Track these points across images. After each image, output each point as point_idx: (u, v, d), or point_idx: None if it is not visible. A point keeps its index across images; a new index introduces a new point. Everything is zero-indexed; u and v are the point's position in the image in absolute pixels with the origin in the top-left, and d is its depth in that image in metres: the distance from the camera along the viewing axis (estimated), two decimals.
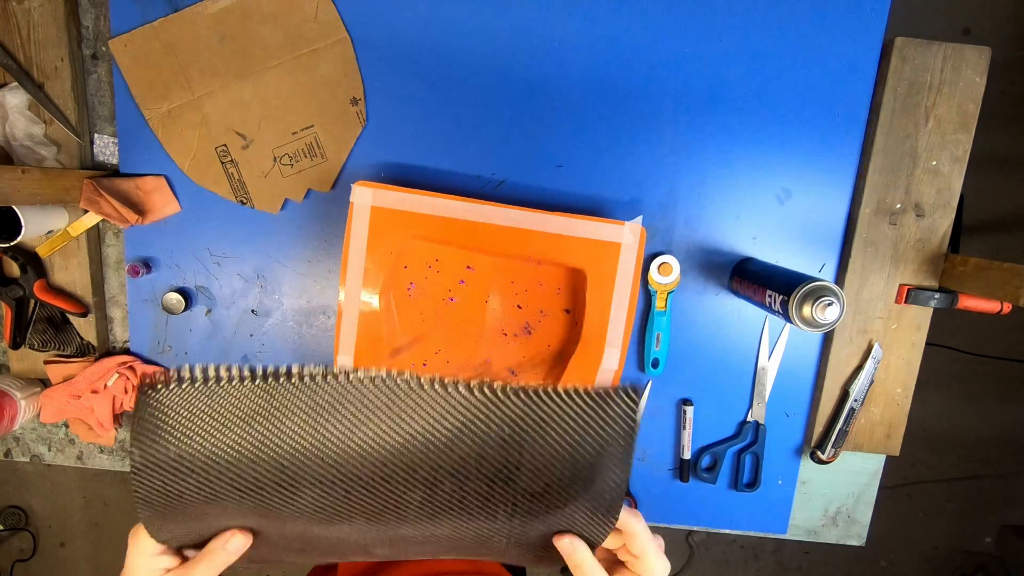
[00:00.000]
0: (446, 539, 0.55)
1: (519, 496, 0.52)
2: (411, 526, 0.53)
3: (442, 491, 0.50)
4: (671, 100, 1.01)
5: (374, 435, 0.47)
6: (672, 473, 1.13)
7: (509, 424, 0.49)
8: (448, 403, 0.48)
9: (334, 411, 0.47)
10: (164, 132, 1.02)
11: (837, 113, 1.01)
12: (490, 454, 0.49)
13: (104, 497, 2.64)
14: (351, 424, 0.47)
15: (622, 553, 0.57)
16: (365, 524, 0.52)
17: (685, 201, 1.04)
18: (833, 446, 1.07)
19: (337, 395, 0.46)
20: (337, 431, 0.47)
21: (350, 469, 0.48)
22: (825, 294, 0.82)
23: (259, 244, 1.07)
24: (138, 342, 1.11)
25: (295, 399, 0.46)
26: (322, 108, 1.01)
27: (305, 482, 0.48)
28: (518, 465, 0.50)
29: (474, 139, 1.03)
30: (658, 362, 1.07)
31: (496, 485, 0.51)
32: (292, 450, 0.47)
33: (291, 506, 0.49)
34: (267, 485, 0.48)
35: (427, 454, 0.48)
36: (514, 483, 0.51)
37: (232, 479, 0.48)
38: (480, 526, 0.54)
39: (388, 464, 0.48)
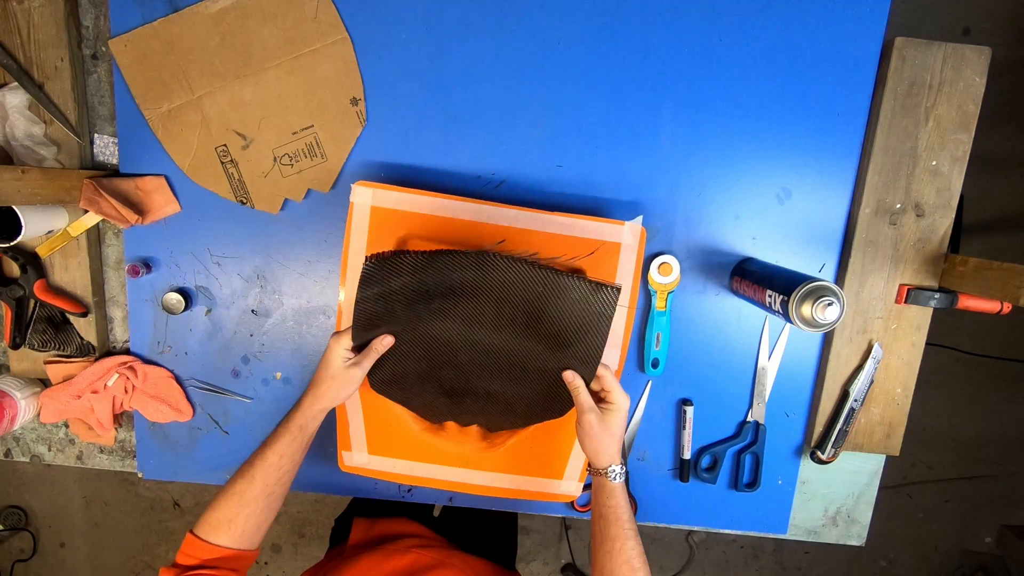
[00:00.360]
0: (502, 352, 0.91)
1: (544, 329, 0.86)
2: (483, 331, 0.89)
3: (504, 312, 0.86)
4: (671, 100, 1.01)
5: (472, 276, 0.83)
6: (672, 473, 1.13)
7: (542, 285, 0.83)
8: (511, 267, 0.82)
9: (455, 265, 0.83)
10: (164, 132, 1.02)
11: (837, 113, 1.01)
12: (531, 299, 0.84)
13: (104, 497, 2.64)
14: (463, 269, 0.83)
15: (602, 394, 0.90)
16: (461, 324, 0.89)
17: (685, 201, 1.04)
18: (833, 446, 1.07)
19: (457, 259, 0.83)
20: (453, 270, 0.83)
21: (457, 284, 0.84)
22: (825, 294, 0.82)
23: (259, 244, 1.07)
24: (138, 342, 1.11)
25: (441, 262, 0.83)
26: (322, 108, 1.01)
27: (436, 294, 0.85)
28: (544, 309, 0.84)
29: (474, 139, 1.03)
30: (658, 362, 1.07)
31: (532, 319, 0.86)
32: (432, 281, 0.84)
33: (426, 306, 0.87)
34: (418, 300, 0.86)
35: (498, 291, 0.84)
36: (542, 321, 0.85)
37: (403, 299, 0.86)
38: (522, 344, 0.89)
39: (478, 291, 0.85)
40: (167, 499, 2.63)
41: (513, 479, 1.09)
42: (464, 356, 0.93)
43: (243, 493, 0.84)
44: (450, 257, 0.83)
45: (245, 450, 1.12)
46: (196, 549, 0.81)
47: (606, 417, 0.89)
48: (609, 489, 0.89)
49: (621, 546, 0.85)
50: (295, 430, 0.87)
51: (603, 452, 0.90)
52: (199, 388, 1.12)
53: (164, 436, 1.14)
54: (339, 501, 2.50)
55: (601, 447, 0.89)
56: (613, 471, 0.89)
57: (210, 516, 0.84)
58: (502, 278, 0.84)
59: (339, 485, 1.14)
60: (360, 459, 1.08)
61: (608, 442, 0.89)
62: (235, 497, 0.84)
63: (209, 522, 0.83)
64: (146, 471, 1.16)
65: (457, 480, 1.09)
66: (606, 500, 0.88)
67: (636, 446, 1.12)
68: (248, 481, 0.85)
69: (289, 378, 1.11)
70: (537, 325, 0.87)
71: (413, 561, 0.95)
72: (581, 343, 0.87)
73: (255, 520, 0.85)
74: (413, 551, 0.98)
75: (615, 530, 0.86)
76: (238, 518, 0.83)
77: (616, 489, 0.88)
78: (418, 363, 0.95)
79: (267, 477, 0.86)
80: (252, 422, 1.13)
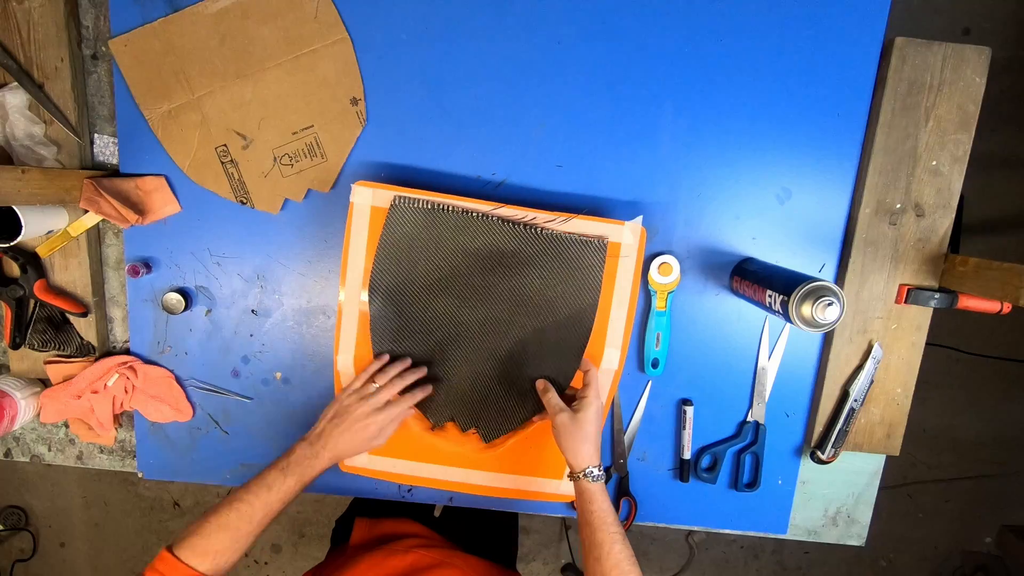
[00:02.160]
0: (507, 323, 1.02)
1: (546, 292, 0.99)
2: (489, 303, 1.00)
3: (507, 281, 0.98)
4: (672, 100, 1.01)
5: (478, 242, 0.97)
6: (672, 473, 1.13)
7: (540, 247, 0.96)
8: (504, 230, 0.96)
9: (455, 225, 0.96)
10: (164, 132, 1.02)
11: (837, 113, 1.01)
12: (531, 262, 0.97)
13: (104, 497, 2.64)
14: (460, 231, 0.96)
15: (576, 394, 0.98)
16: (471, 294, 1.00)
17: (685, 201, 1.04)
18: (833, 446, 1.07)
19: (458, 218, 0.96)
20: (454, 232, 0.97)
21: (463, 255, 0.98)
22: (825, 294, 0.82)
23: (259, 244, 1.07)
24: (138, 342, 1.11)
25: (444, 218, 0.96)
26: (322, 108, 1.01)
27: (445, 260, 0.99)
28: (544, 272, 0.98)
29: (474, 139, 1.03)
30: (658, 362, 1.07)
31: (534, 282, 0.98)
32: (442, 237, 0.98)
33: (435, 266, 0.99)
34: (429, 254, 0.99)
35: (502, 258, 0.97)
36: (543, 282, 0.98)
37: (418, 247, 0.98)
38: (525, 308, 1.00)
39: (484, 259, 0.97)
40: (167, 499, 2.63)
41: (513, 479, 1.09)
42: (466, 330, 1.03)
43: (238, 529, 0.84)
44: (461, 214, 0.97)
45: (245, 450, 1.13)
46: (171, 569, 0.80)
47: (576, 417, 0.93)
48: (589, 493, 0.90)
49: (608, 551, 0.85)
50: (305, 484, 0.91)
51: (577, 453, 0.92)
52: (199, 388, 1.12)
53: (164, 436, 1.14)
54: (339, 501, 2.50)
55: (575, 448, 0.92)
56: (591, 473, 0.91)
57: (197, 542, 0.82)
58: (504, 245, 0.97)
59: (339, 485, 1.14)
60: (361, 459, 1.09)
61: (581, 443, 0.92)
62: (229, 532, 0.84)
63: (195, 548, 0.82)
64: (146, 471, 1.16)
65: (457, 480, 1.09)
66: (588, 505, 0.89)
67: (636, 446, 1.12)
68: (247, 521, 0.85)
69: (289, 378, 1.11)
70: (536, 290, 0.99)
71: (415, 561, 0.95)
72: (579, 299, 1.00)
73: (241, 553, 0.85)
74: (414, 551, 0.98)
75: (601, 535, 0.86)
76: (227, 552, 0.83)
77: (596, 492, 0.90)
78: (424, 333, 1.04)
79: (266, 517, 0.87)
80: (252, 422, 1.13)
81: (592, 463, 0.91)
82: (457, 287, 1.01)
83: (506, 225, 0.97)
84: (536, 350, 1.03)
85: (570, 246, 0.98)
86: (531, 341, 1.03)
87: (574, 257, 0.98)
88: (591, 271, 0.99)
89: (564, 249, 0.98)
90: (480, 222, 0.97)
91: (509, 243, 0.98)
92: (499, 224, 0.97)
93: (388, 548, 0.99)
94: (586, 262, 0.99)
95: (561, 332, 1.02)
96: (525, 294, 1.00)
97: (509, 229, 0.97)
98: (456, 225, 0.97)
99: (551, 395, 0.99)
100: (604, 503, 0.89)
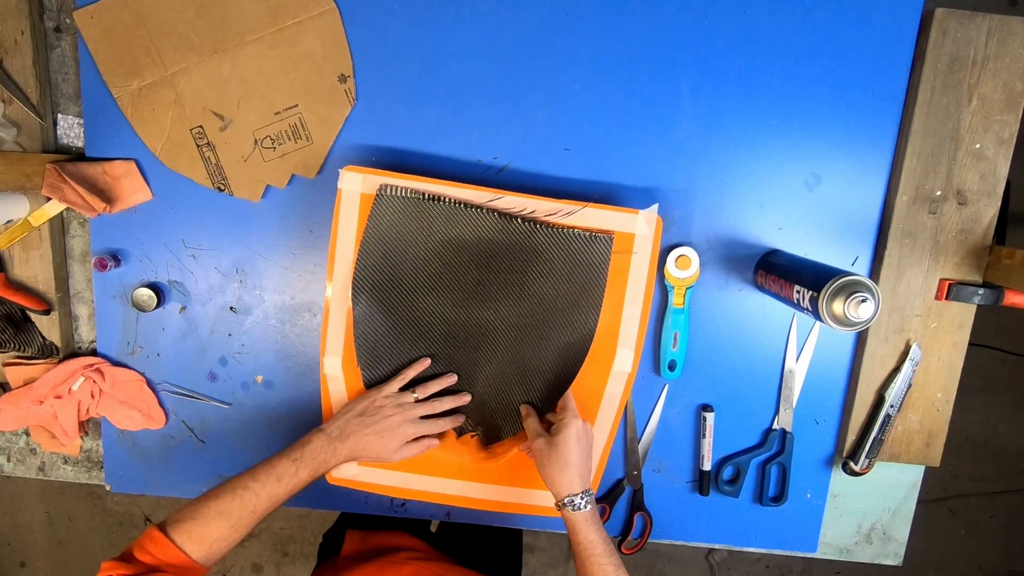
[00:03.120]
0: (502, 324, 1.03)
1: (544, 292, 1.00)
2: (485, 304, 1.01)
3: (503, 277, 1.00)
4: (690, 77, 1.01)
5: (471, 237, 0.98)
6: (691, 486, 1.14)
7: (542, 243, 0.97)
8: (501, 224, 0.97)
9: (447, 217, 0.97)
10: (134, 112, 1.02)
11: (872, 91, 1.01)
12: (530, 258, 0.98)
13: (69, 512, 2.65)
14: (460, 228, 0.97)
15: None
16: (460, 294, 1.00)
17: (705, 188, 1.04)
18: (867, 456, 1.07)
19: (450, 209, 0.96)
20: (445, 225, 0.97)
21: (455, 250, 0.99)
22: (858, 289, 0.82)
23: (238, 235, 1.07)
24: (106, 342, 1.11)
25: (435, 210, 0.97)
26: (307, 86, 1.01)
27: (436, 255, 0.99)
28: (544, 269, 0.99)
29: (474, 120, 1.03)
30: (675, 364, 1.07)
31: (532, 280, 1.00)
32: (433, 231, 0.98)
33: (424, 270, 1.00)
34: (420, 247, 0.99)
35: (497, 254, 0.98)
36: (542, 281, 1.00)
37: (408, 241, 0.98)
38: (521, 309, 1.01)
39: (478, 256, 0.99)
40: (138, 514, 2.64)
41: (516, 492, 1.09)
42: (461, 332, 1.04)
43: (240, 519, 0.85)
44: (454, 205, 0.97)
45: (222, 460, 1.13)
46: (161, 550, 0.81)
47: (553, 441, 0.94)
48: (572, 523, 0.91)
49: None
50: (317, 478, 0.93)
51: (554, 481, 0.93)
52: (172, 393, 1.12)
53: (134, 445, 1.14)
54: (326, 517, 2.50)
55: (552, 475, 0.93)
56: (571, 502, 0.91)
57: (193, 527, 0.83)
58: (501, 239, 0.98)
59: (326, 499, 1.14)
60: (349, 470, 1.09)
61: (560, 470, 0.92)
62: (230, 521, 0.85)
63: (190, 532, 0.83)
64: (114, 484, 1.17)
65: (455, 493, 1.09)
66: (573, 536, 0.90)
67: (651, 457, 1.12)
68: (250, 511, 0.86)
69: (271, 381, 1.12)
70: (535, 289, 1.01)
71: (413, 573, 0.95)
72: (582, 299, 1.01)
73: (236, 543, 0.87)
74: (412, 563, 0.98)
75: (591, 569, 0.87)
76: (223, 540, 0.84)
77: (579, 522, 0.90)
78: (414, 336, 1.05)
79: (269, 509, 0.89)
80: (231, 430, 1.13)
81: (572, 491, 0.91)
82: (449, 285, 1.01)
83: (503, 219, 0.98)
84: (535, 354, 1.04)
85: (572, 241, 0.98)
86: (529, 344, 1.04)
87: (576, 253, 0.99)
88: (595, 268, 1.00)
89: (566, 245, 0.98)
90: (475, 215, 0.97)
91: (506, 238, 0.98)
92: (495, 217, 0.97)
93: (384, 560, 1.00)
94: (590, 259, 0.99)
95: (562, 335, 1.03)
96: (523, 293, 1.01)
97: (506, 224, 0.98)
98: (448, 218, 0.98)
99: (530, 420, 1.02)
100: (590, 533, 0.89)
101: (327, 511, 1.17)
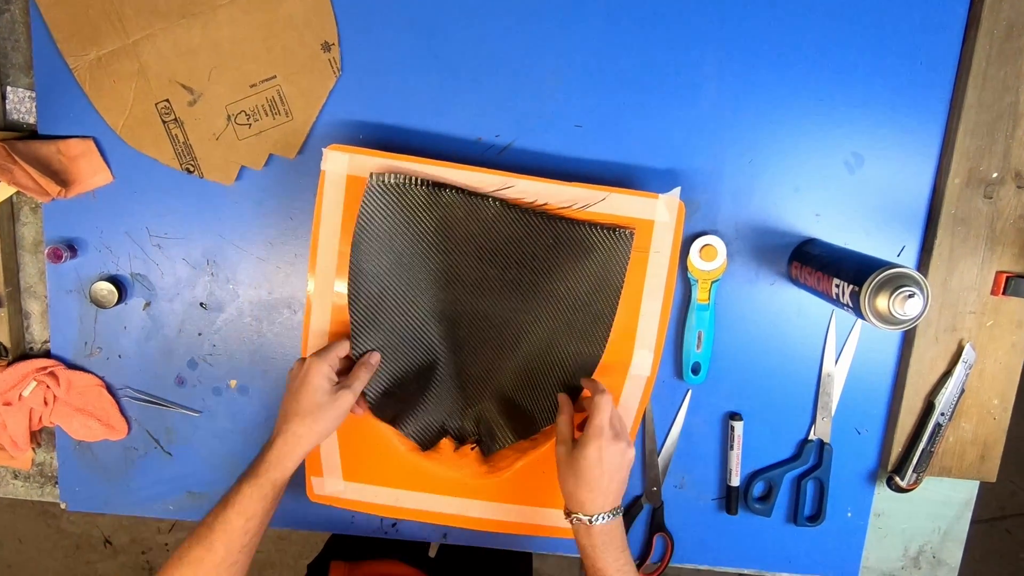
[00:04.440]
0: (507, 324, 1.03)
1: (553, 289, 1.00)
2: (487, 299, 1.02)
3: (509, 273, 1.00)
4: (716, 45, 1.01)
5: (476, 229, 0.98)
6: (717, 504, 1.13)
7: (553, 237, 0.97)
8: (521, 219, 0.97)
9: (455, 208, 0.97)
10: (92, 85, 1.01)
11: (920, 61, 1.01)
12: (539, 254, 0.99)
13: (19, 533, 2.65)
14: (465, 219, 0.97)
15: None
16: (463, 290, 1.01)
17: (733, 169, 1.04)
18: (915, 470, 1.07)
19: (453, 199, 0.96)
20: (447, 215, 0.97)
21: (458, 244, 0.99)
22: (905, 283, 0.81)
23: (209, 222, 1.07)
24: (60, 342, 1.11)
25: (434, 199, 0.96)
26: (287, 55, 1.01)
27: (435, 249, 0.99)
28: (555, 264, 0.99)
29: (473, 93, 1.03)
30: (699, 367, 1.07)
31: (542, 277, 1.00)
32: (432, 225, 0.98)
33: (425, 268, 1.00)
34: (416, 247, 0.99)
35: (504, 247, 0.99)
36: (551, 278, 1.00)
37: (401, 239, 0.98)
38: (530, 307, 1.01)
39: (481, 249, 0.99)
40: (96, 535, 2.64)
41: (522, 511, 1.09)
42: (463, 332, 1.05)
43: (200, 562, 0.84)
44: (456, 195, 0.96)
45: (191, 475, 1.13)
46: None
47: (573, 455, 0.92)
48: (583, 545, 0.91)
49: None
50: (266, 485, 0.87)
51: (572, 494, 0.92)
52: (136, 399, 1.12)
53: (93, 458, 1.14)
54: (306, 539, 2.51)
55: (568, 488, 0.92)
56: (579, 516, 0.91)
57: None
58: (508, 232, 0.98)
59: (307, 519, 1.13)
60: (334, 486, 1.08)
61: (575, 484, 0.91)
62: (190, 568, 0.83)
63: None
64: (70, 501, 1.16)
65: (453, 512, 1.09)
66: (584, 561, 0.91)
67: (673, 470, 1.12)
68: (206, 548, 0.84)
69: (246, 387, 1.11)
70: (546, 286, 1.01)
71: None
72: (594, 303, 1.01)
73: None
74: None
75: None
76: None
77: (594, 547, 0.90)
78: (412, 350, 1.04)
79: (230, 544, 0.85)
80: (201, 441, 1.13)
81: (582, 510, 0.91)
82: (451, 281, 1.01)
83: (514, 212, 0.97)
84: (543, 357, 1.04)
85: (589, 236, 0.98)
86: (537, 346, 1.04)
87: (593, 249, 0.98)
88: (613, 266, 0.99)
89: (582, 240, 0.98)
90: (481, 205, 0.97)
91: (516, 231, 0.98)
92: (505, 210, 0.97)
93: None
94: (607, 256, 0.99)
95: (574, 335, 1.03)
96: (533, 290, 1.01)
97: (518, 216, 0.98)
98: (451, 208, 0.97)
99: (563, 419, 0.99)
100: (603, 558, 0.89)
101: (309, 532, 1.16)
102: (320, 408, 0.90)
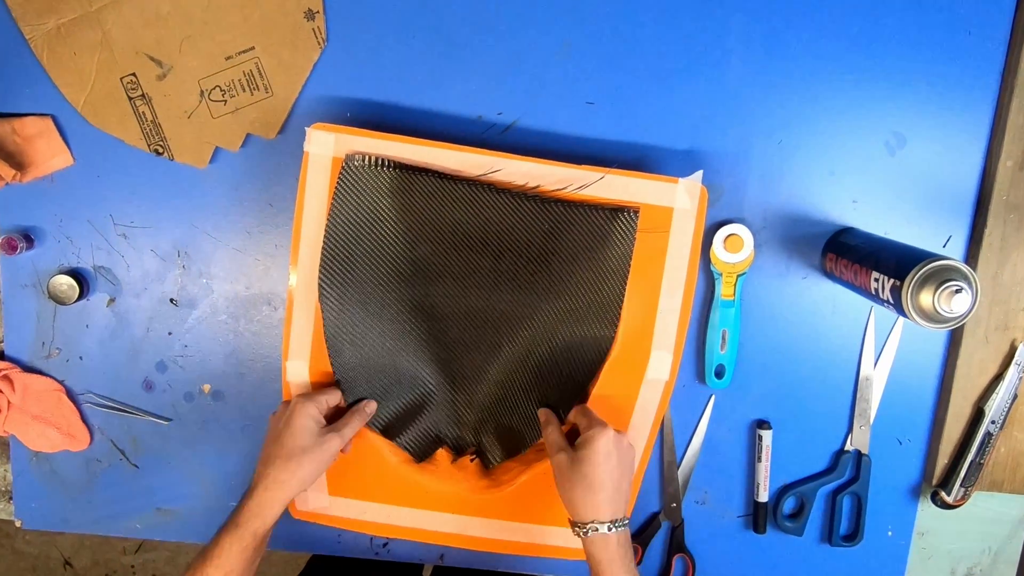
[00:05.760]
0: (503, 318, 1.03)
1: (552, 280, 1.00)
2: (480, 293, 1.01)
3: (503, 263, 1.00)
4: (742, 13, 1.01)
5: (463, 217, 0.98)
6: (744, 521, 1.13)
7: (550, 222, 0.98)
8: (512, 204, 0.97)
9: (440, 196, 0.97)
10: (51, 57, 1.01)
11: (968, 30, 1.01)
12: (536, 240, 0.99)
13: None
14: (451, 206, 0.98)
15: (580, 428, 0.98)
16: (452, 284, 1.01)
17: (760, 151, 1.04)
18: (962, 485, 1.07)
19: (436, 184, 0.97)
20: (431, 202, 0.97)
21: (445, 234, 0.99)
22: (952, 277, 0.81)
23: (180, 209, 1.07)
24: (15, 342, 1.11)
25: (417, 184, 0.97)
26: (266, 24, 1.01)
27: (421, 236, 0.99)
28: (553, 251, 0.99)
29: (474, 66, 1.03)
30: (723, 370, 1.07)
31: (539, 266, 1.00)
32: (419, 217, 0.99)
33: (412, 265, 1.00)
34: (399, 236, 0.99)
35: (496, 236, 0.99)
36: (549, 267, 1.00)
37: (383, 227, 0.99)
38: (526, 299, 1.01)
39: (470, 238, 0.99)
40: (55, 557, 2.64)
41: (527, 529, 1.09)
42: (456, 330, 1.05)
43: None
44: (441, 180, 0.97)
45: (160, 489, 1.13)
46: None
47: (577, 457, 0.93)
48: (594, 562, 0.91)
49: None
50: (247, 536, 0.88)
51: (578, 504, 0.92)
52: (99, 406, 1.12)
53: (51, 471, 1.14)
54: (290, 560, 2.51)
55: (575, 498, 0.93)
56: (591, 527, 0.91)
57: None
58: (499, 219, 0.99)
59: (289, 537, 1.14)
60: (318, 502, 1.08)
61: (583, 492, 0.92)
62: None
63: None
64: (26, 519, 1.17)
65: (450, 531, 1.09)
66: (594, 569, 0.91)
67: (694, 484, 1.12)
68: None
69: (221, 392, 1.11)
70: (544, 276, 1.01)
71: None
72: (601, 290, 1.01)
73: None
74: None
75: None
76: None
77: (604, 562, 0.90)
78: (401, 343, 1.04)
79: None
80: (170, 452, 1.13)
81: (597, 517, 0.91)
82: (439, 273, 1.01)
83: (502, 196, 0.98)
84: (549, 349, 1.04)
85: (588, 218, 0.98)
86: (536, 343, 1.04)
87: (593, 234, 0.98)
88: (617, 251, 0.99)
89: (581, 223, 0.98)
90: (466, 190, 0.98)
91: (508, 216, 0.99)
92: (491, 192, 0.98)
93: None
94: (610, 240, 0.99)
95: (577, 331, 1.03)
96: (530, 281, 1.01)
97: (507, 202, 0.98)
98: (434, 194, 0.97)
99: (551, 429, 1.00)
100: (619, 566, 0.89)
101: (291, 553, 1.16)
102: (304, 452, 0.92)
